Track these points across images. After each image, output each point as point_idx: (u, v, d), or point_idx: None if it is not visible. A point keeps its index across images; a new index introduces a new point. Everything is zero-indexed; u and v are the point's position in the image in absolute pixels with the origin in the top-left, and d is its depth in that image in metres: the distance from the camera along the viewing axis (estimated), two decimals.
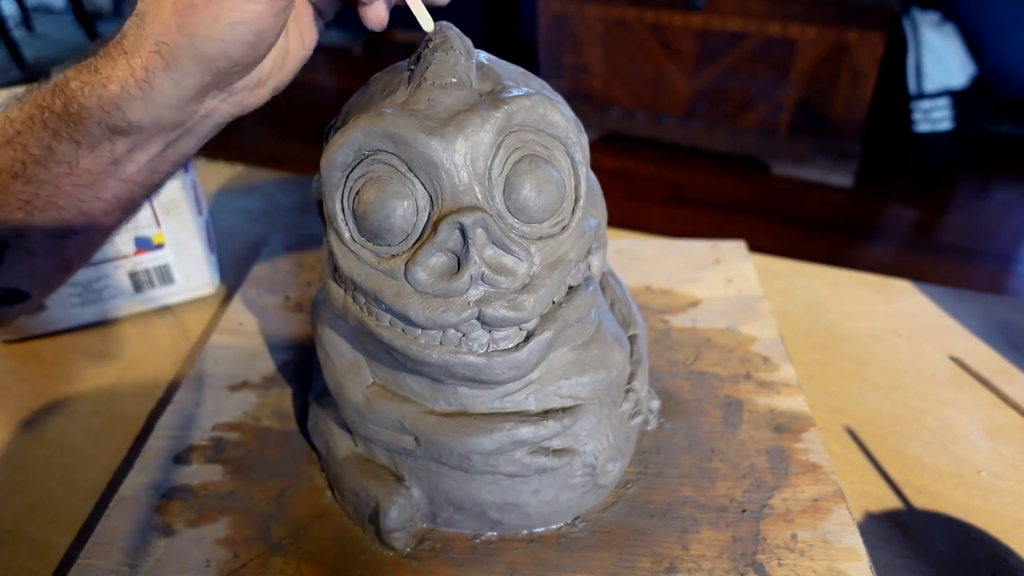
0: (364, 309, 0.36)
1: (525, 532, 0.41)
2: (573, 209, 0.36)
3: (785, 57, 1.91)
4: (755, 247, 0.65)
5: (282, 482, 0.45)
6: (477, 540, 0.41)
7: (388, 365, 0.39)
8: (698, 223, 1.85)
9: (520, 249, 0.34)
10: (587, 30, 2.08)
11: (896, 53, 1.89)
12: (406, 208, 0.33)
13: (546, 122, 0.34)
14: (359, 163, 0.34)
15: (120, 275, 0.58)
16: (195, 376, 0.52)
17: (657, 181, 2.05)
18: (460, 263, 0.33)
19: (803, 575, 0.39)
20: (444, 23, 0.35)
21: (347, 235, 0.35)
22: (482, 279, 0.33)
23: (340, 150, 0.33)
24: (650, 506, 0.43)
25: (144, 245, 0.58)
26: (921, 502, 0.44)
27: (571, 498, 0.41)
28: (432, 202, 0.34)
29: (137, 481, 0.44)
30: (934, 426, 0.49)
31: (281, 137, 2.27)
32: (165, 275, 0.59)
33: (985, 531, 0.42)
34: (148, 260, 0.58)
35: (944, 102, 1.90)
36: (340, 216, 0.35)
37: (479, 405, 0.38)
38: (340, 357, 0.40)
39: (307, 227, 0.72)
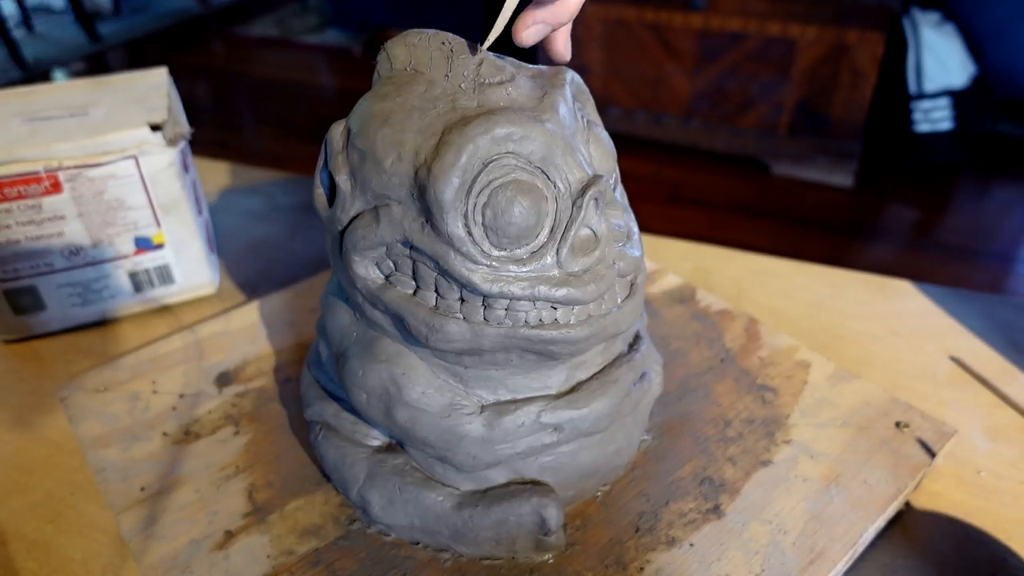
0: (507, 321, 0.34)
1: (625, 465, 0.43)
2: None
3: (785, 57, 1.91)
4: (755, 247, 0.65)
5: (396, 573, 0.39)
6: (599, 498, 0.42)
7: (500, 377, 0.37)
8: (698, 223, 1.85)
9: (619, 203, 0.36)
10: (587, 30, 2.08)
11: (896, 53, 1.89)
12: (542, 201, 0.33)
13: (581, 88, 0.38)
14: (478, 176, 0.32)
15: (120, 275, 0.58)
16: None
17: (657, 181, 2.05)
18: (595, 232, 0.34)
19: (787, 374, 0.49)
20: (433, 31, 0.35)
21: (478, 254, 0.32)
22: (613, 239, 0.35)
23: (458, 169, 0.31)
24: (671, 395, 0.48)
25: (144, 245, 0.58)
26: (921, 502, 0.44)
27: (648, 411, 0.44)
28: (556, 186, 0.33)
29: None
30: None
31: (281, 137, 2.27)
32: (165, 275, 0.59)
33: (985, 531, 0.42)
34: (148, 260, 0.58)
35: (944, 102, 1.90)
36: (467, 238, 0.32)
37: (589, 369, 0.40)
38: (436, 404, 0.37)
39: (306, 228, 0.72)
